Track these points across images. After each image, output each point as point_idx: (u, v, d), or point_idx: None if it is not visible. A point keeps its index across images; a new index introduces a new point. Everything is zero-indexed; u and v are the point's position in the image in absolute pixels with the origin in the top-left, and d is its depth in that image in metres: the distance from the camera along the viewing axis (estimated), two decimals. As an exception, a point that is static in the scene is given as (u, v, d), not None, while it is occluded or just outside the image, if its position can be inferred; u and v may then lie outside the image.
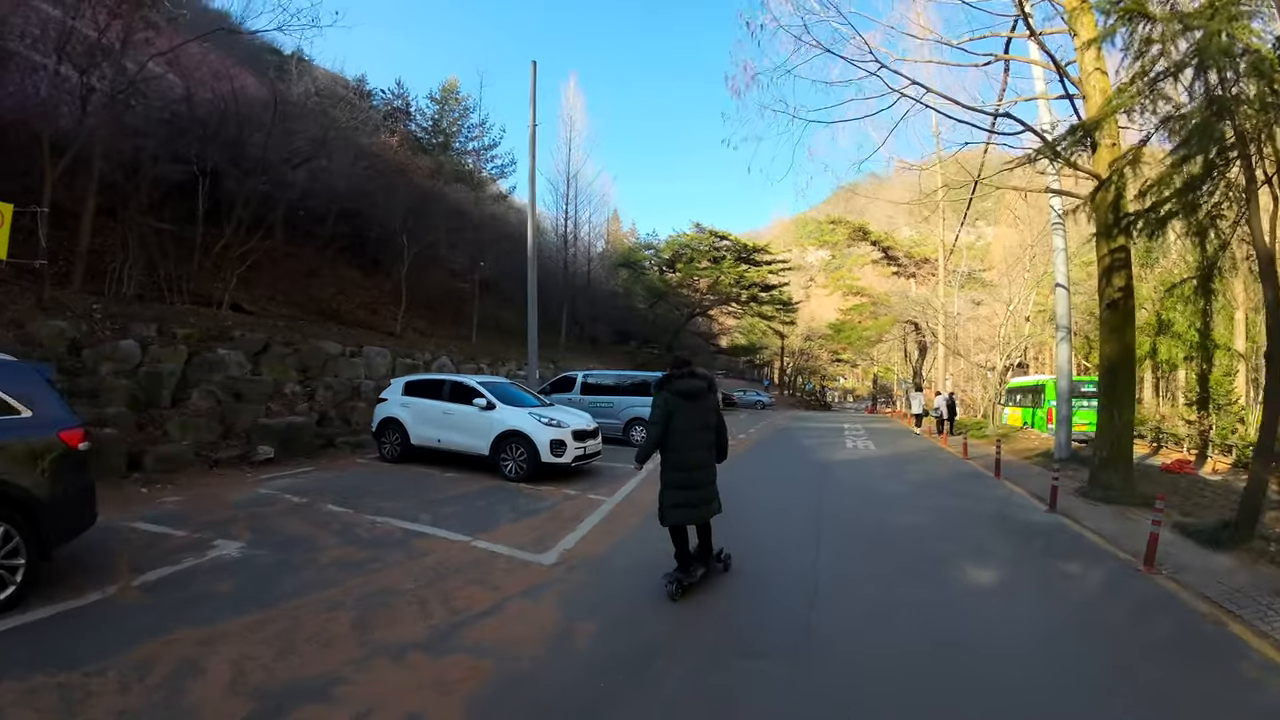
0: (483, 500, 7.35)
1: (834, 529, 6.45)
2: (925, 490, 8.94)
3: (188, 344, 10.84)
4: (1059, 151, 8.23)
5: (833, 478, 9.78)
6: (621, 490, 8.14)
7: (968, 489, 9.15)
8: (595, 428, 9.31)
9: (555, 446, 8.39)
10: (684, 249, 37.53)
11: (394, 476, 8.65)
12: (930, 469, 11.25)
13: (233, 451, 9.43)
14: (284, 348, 12.42)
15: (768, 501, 7.73)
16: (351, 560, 4.81)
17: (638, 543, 5.76)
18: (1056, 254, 12.78)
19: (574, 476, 8.93)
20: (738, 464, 10.83)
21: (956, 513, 7.51)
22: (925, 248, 31.47)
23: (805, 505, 7.50)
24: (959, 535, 6.39)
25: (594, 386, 13.78)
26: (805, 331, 53.85)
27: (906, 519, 7.05)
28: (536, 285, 17.26)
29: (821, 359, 63.15)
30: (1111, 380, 8.61)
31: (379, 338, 16.42)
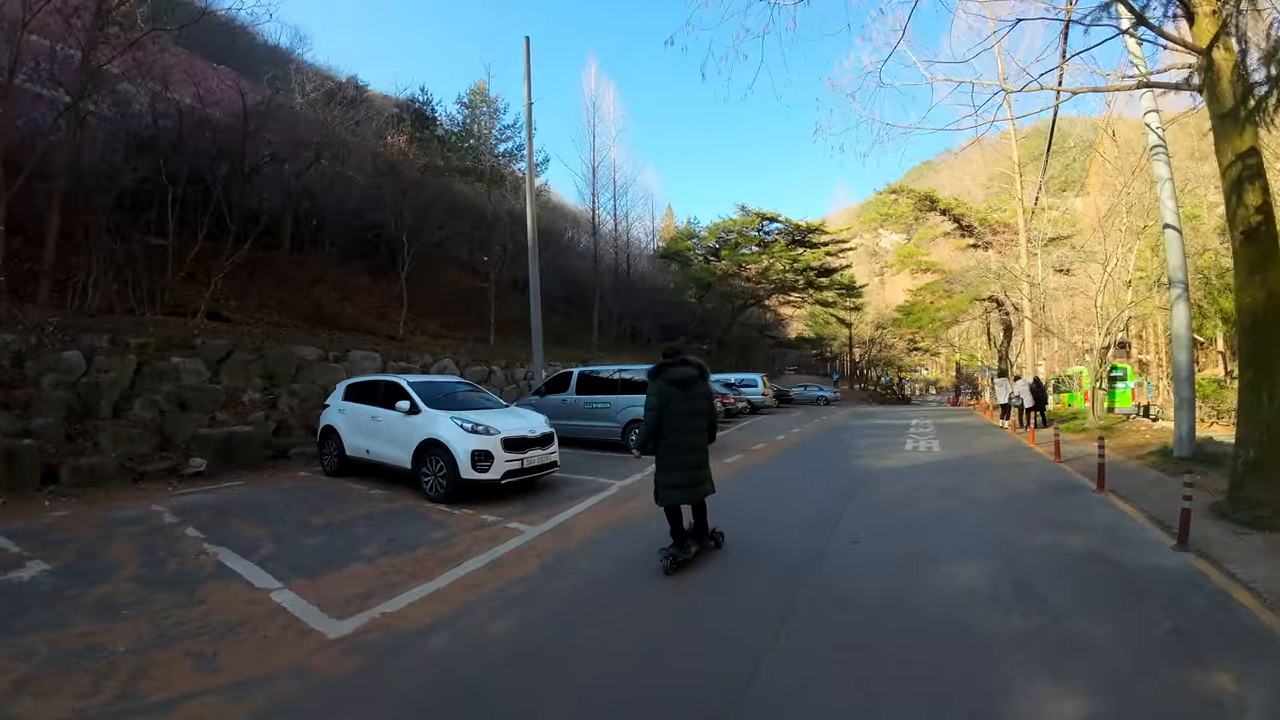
0: (367, 527, 5.82)
1: (823, 599, 3.98)
2: (994, 514, 6.30)
3: (141, 353, 10.34)
4: (1145, 19, 5.68)
5: (867, 495, 7.23)
6: (560, 515, 6.28)
7: (1057, 510, 6.47)
8: (545, 434, 7.47)
9: (478, 459, 6.69)
10: (728, 234, 34.95)
11: (311, 493, 7.49)
12: (1007, 479, 8.44)
13: (163, 464, 8.74)
14: (249, 354, 11.56)
15: (748, 537, 5.45)
16: (115, 599, 4.08)
17: (502, 604, 3.95)
18: (1161, 187, 9.67)
19: (517, 495, 7.16)
20: (753, 473, 8.78)
21: (1035, 556, 4.85)
22: (1003, 213, 27.37)
23: (799, 547, 5.14)
24: (1034, 603, 3.83)
25: (590, 384, 11.93)
26: (876, 319, 49.78)
27: (951, 574, 4.38)
28: (539, 277, 16.13)
29: (897, 349, 58.34)
30: (1257, 344, 5.76)
31: (376, 342, 15.48)
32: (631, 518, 6.23)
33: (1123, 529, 5.69)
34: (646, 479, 8.24)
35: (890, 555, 4.84)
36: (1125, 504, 6.66)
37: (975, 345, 52.35)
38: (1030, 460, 10.37)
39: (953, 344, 53.56)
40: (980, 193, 29.76)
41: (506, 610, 3.84)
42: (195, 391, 10.41)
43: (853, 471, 8.79)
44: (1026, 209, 20.32)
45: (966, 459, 10.41)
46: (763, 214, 34.39)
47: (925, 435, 14.26)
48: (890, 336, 53.41)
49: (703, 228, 36.58)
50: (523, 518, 6.17)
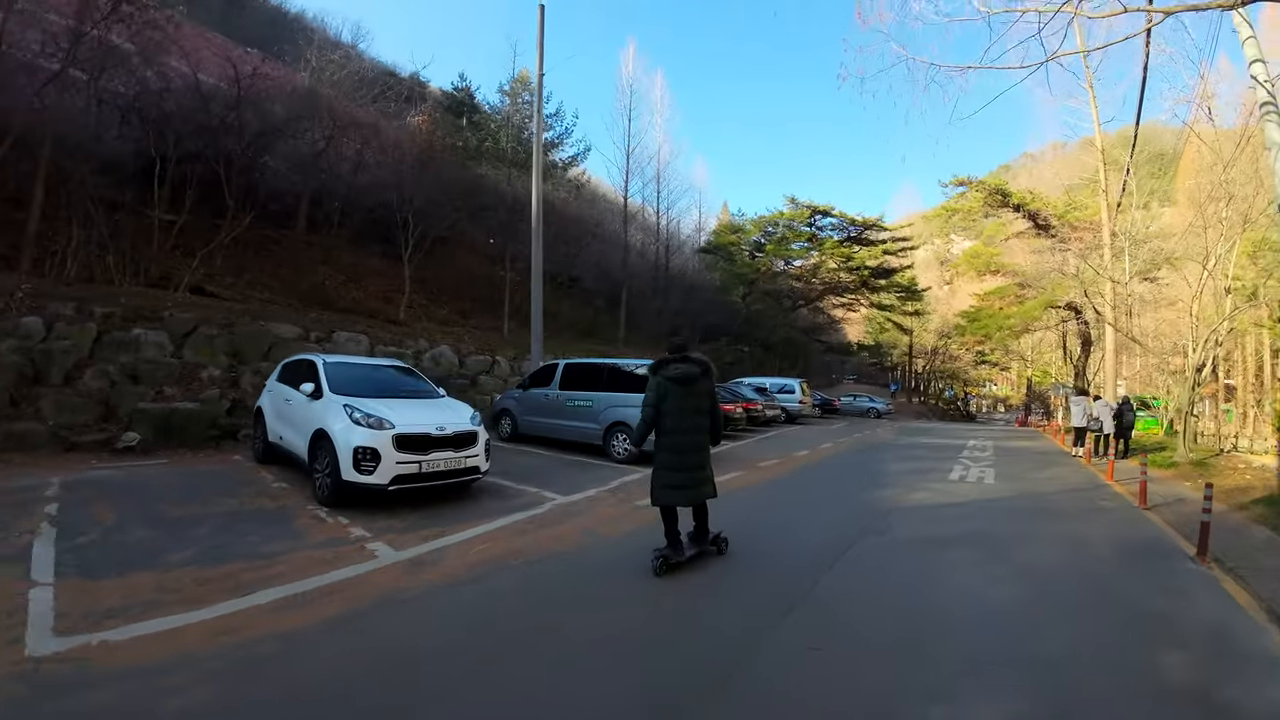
0: (216, 527, 4.95)
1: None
2: (1048, 599, 4.18)
3: (105, 323, 10.04)
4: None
5: (870, 551, 5.14)
6: (447, 539, 4.89)
7: (1141, 593, 4.47)
8: (462, 433, 6.07)
9: (361, 458, 5.40)
10: (774, 228, 32.65)
11: (217, 480, 6.75)
12: (1075, 532, 6.32)
13: (100, 435, 8.38)
14: (217, 330, 10.91)
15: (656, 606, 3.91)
16: None
17: (221, 667, 2.67)
18: (1274, 155, 7.17)
19: (422, 504, 5.83)
20: (737, 499, 6.98)
21: (1107, 693, 2.93)
22: (1085, 211, 24.08)
23: (719, 646, 3.25)
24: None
25: (576, 378, 10.50)
26: (940, 328, 46.06)
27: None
28: (542, 263, 14.98)
29: (963, 360, 54.01)
30: None
31: (370, 325, 14.69)
32: (542, 549, 4.78)
33: (1238, 631, 3.77)
34: (600, 496, 6.84)
35: (860, 688, 2.85)
36: (1235, 584, 4.67)
37: (1049, 360, 47.57)
38: (1107, 504, 8.14)
39: (1024, 357, 48.94)
40: (1059, 198, 26.42)
41: (209, 680, 2.58)
42: (149, 364, 9.86)
43: (867, 508, 6.90)
44: (1111, 201, 17.34)
45: (1025, 497, 8.26)
46: (814, 207, 31.85)
47: (979, 461, 12.00)
48: (955, 346, 49.36)
49: (747, 220, 34.26)
50: (397, 537, 4.84)
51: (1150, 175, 24.65)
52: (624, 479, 7.83)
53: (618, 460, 9.18)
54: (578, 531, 5.28)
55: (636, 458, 9.13)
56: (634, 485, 7.43)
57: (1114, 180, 17.88)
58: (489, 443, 6.52)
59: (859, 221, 32.13)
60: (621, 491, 7.12)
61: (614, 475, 8.07)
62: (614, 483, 7.54)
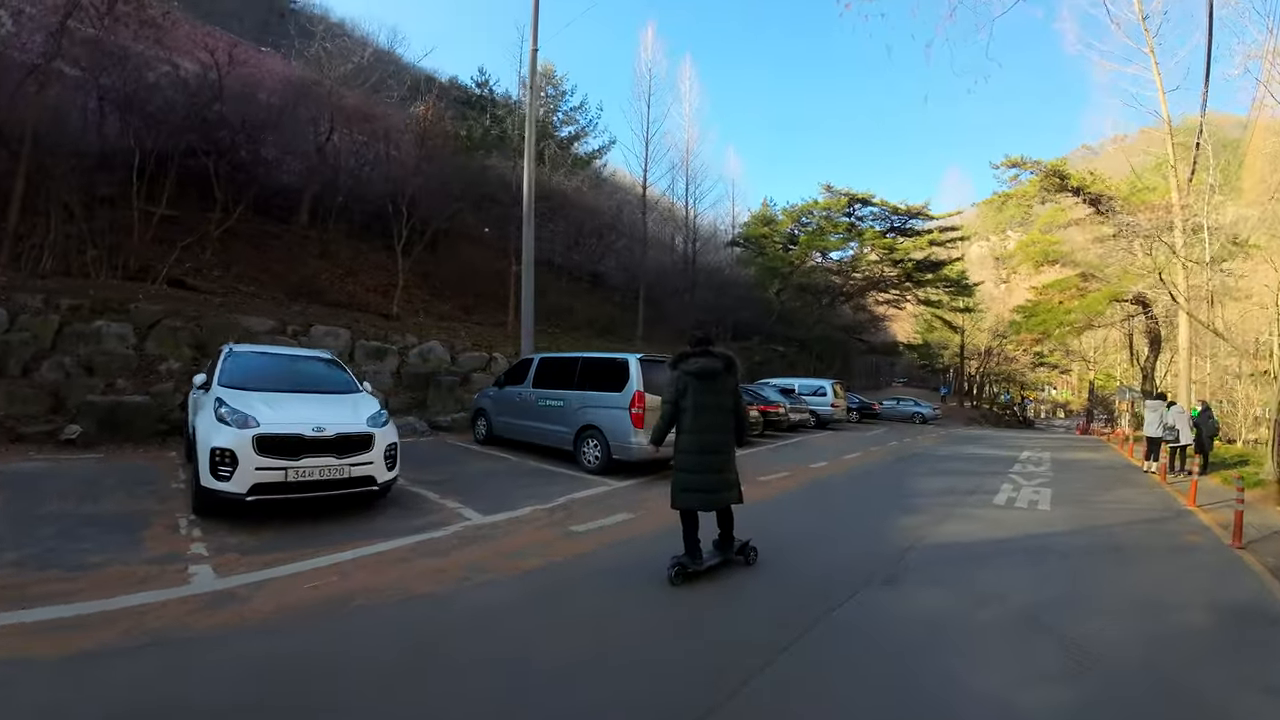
0: (33, 535, 4.24)
1: None
2: (1114, 708, 2.79)
3: (71, 315, 9.72)
4: None
5: (865, 611, 3.82)
6: (295, 566, 3.84)
7: (1244, 695, 3.04)
8: (352, 436, 5.05)
9: (219, 461, 4.46)
10: (809, 218, 30.70)
11: (124, 477, 6.28)
12: (1152, 585, 4.77)
13: (46, 427, 8.02)
14: (183, 322, 10.41)
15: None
16: None
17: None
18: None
19: (301, 517, 4.83)
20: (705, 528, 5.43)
21: None
22: (1152, 193, 21.38)
23: None
24: None
25: (550, 374, 9.38)
26: (995, 326, 42.92)
27: None
28: (533, 251, 13.99)
29: (1019, 362, 50.34)
30: None
31: (356, 318, 14.08)
32: (397, 590, 3.70)
33: None
34: (531, 517, 5.62)
35: None
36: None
37: (1114, 362, 43.53)
38: (1192, 540, 6.45)
39: (1086, 358, 45.10)
40: (1123, 180, 23.65)
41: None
42: (105, 356, 9.40)
43: (878, 545, 5.44)
44: (1180, 178, 14.98)
45: (1087, 532, 6.58)
46: (852, 195, 29.69)
47: (1033, 478, 10.23)
48: (1011, 347, 45.93)
49: (779, 210, 32.35)
50: (237, 559, 4.00)
51: (1215, 168, 21.73)
52: (575, 495, 6.70)
53: (588, 470, 8.05)
54: (463, 566, 4.16)
55: (609, 468, 8.03)
56: (583, 504, 6.29)
57: (1183, 162, 15.57)
58: (394, 448, 5.45)
59: (902, 210, 29.81)
60: (561, 512, 5.94)
61: (569, 490, 6.94)
62: (559, 500, 6.38)
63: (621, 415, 7.88)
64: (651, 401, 7.80)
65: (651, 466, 8.22)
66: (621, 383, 8.03)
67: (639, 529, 5.47)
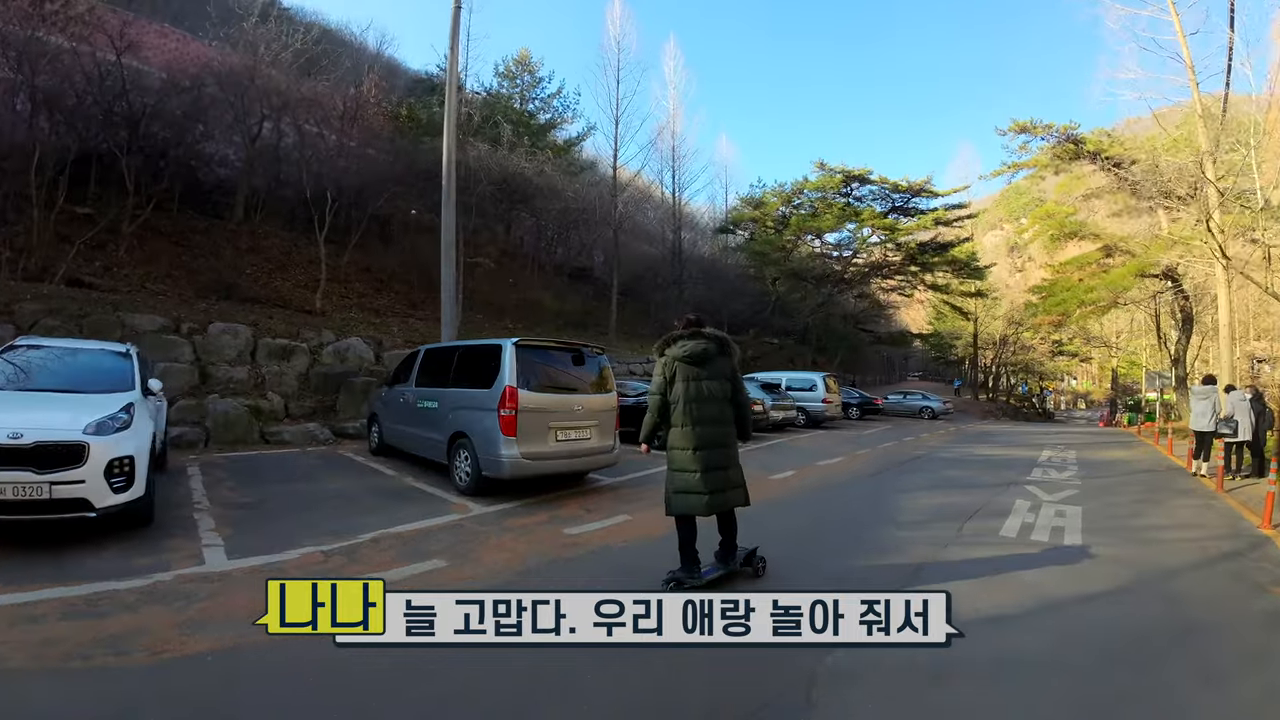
0: None
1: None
2: None
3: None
4: None
5: None
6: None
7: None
8: (47, 445, 3.90)
9: None
10: (799, 198, 28.39)
11: None
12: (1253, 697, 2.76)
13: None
14: (62, 321, 9.53)
15: None
16: None
17: None
18: None
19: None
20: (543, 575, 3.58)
21: None
22: (1178, 153, 18.89)
23: None
24: None
25: (432, 370, 7.45)
26: (1009, 314, 40.35)
27: None
28: (455, 231, 12.21)
29: (1038, 351, 47.63)
30: None
31: (280, 314, 12.57)
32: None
33: None
34: (303, 561, 3.99)
35: None
36: None
37: (1139, 347, 40.63)
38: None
39: (1109, 344, 42.27)
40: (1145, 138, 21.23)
41: None
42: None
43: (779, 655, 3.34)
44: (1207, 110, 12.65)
45: (1138, 590, 4.32)
46: (848, 172, 27.27)
47: (1057, 490, 8.04)
48: (1028, 334, 43.24)
49: (767, 192, 29.96)
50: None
51: (1232, 149, 19.35)
52: (397, 528, 4.90)
53: (459, 489, 6.26)
54: (98, 638, 2.77)
55: (481, 487, 6.05)
56: (391, 544, 4.47)
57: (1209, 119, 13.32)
58: (128, 464, 4.16)
59: (903, 187, 27.31)
60: (344, 556, 4.09)
61: (410, 518, 5.16)
62: (366, 535, 4.64)
63: (490, 419, 5.93)
64: (532, 401, 5.89)
65: (533, 487, 6.40)
66: (492, 377, 6.06)
67: (446, 580, 3.81)
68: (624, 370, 20.03)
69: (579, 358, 7.18)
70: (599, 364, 7.39)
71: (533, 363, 6.32)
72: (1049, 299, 22.44)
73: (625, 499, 6.61)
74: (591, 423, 6.88)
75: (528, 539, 4.89)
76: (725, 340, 3.70)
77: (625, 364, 20.53)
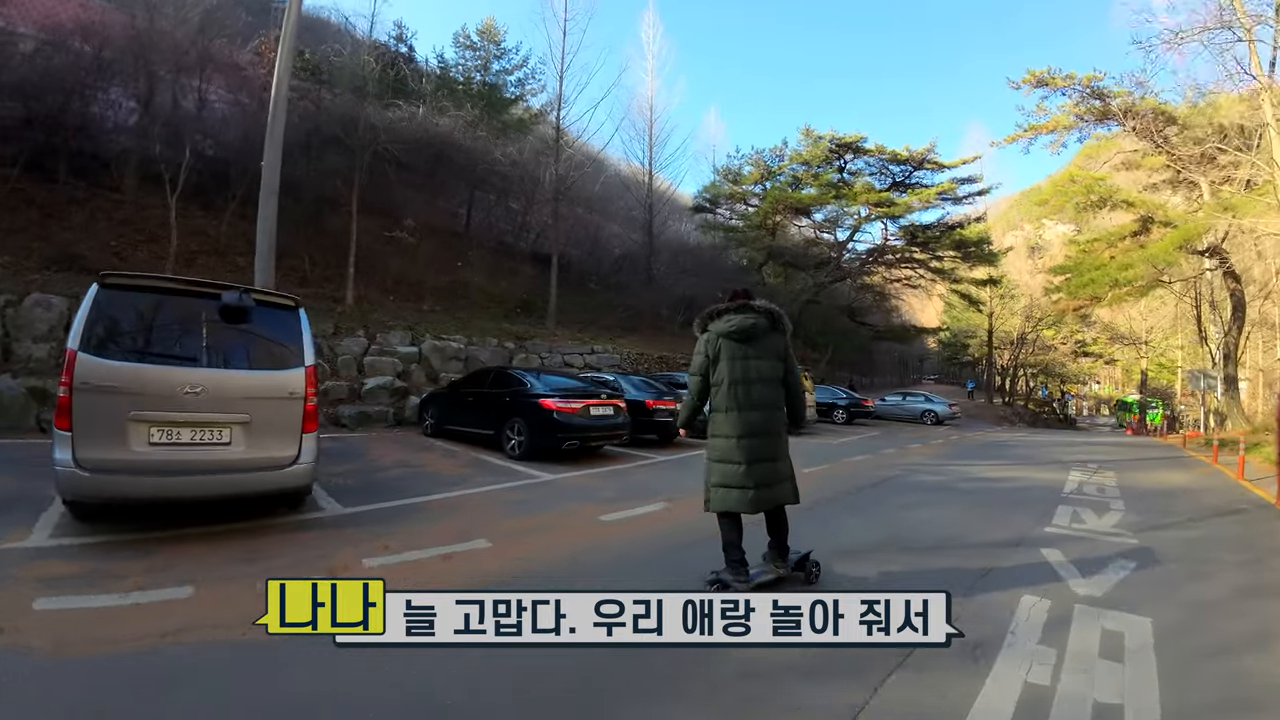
0: None
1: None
2: None
3: None
4: None
5: None
6: None
7: None
8: None
9: None
10: (781, 168, 24.79)
11: None
12: None
13: None
14: None
15: None
16: None
17: None
18: None
19: None
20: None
21: None
22: (1219, 112, 15.45)
23: None
24: None
25: None
26: (1028, 309, 36.64)
27: None
28: (278, 173, 9.73)
29: (1060, 351, 43.71)
30: None
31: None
32: None
33: None
34: None
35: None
36: None
37: (1171, 345, 36.40)
38: None
39: (1138, 342, 38.17)
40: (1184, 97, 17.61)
41: None
42: None
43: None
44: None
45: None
46: (839, 140, 23.54)
47: (1097, 564, 4.53)
48: (1049, 333, 39.29)
49: (744, 161, 26.28)
50: None
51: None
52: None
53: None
54: None
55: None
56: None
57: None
58: None
59: (903, 157, 23.57)
60: None
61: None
62: None
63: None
64: (107, 375, 3.07)
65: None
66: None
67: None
68: (558, 361, 16.90)
69: (237, 310, 4.07)
70: (282, 322, 4.37)
71: (130, 312, 4.10)
72: (1074, 280, 18.65)
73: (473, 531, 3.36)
74: (233, 418, 3.83)
75: None
76: (778, 314, 3.36)
77: (561, 354, 17.39)
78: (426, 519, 4.97)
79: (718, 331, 3.23)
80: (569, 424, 8.18)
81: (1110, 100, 18.03)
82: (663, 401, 10.39)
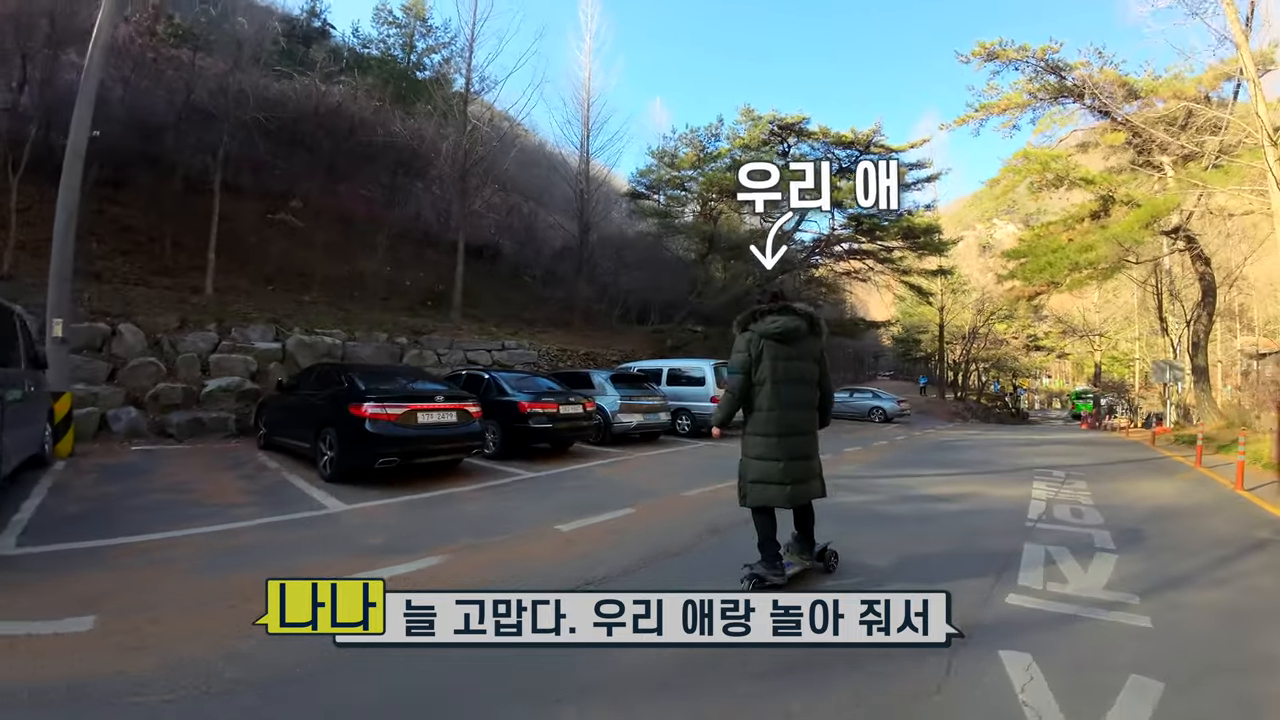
0: None
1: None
2: None
3: None
4: None
5: None
6: None
7: None
8: None
9: None
10: (716, 148, 23.14)
11: None
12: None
13: None
14: None
15: None
16: None
17: None
18: None
19: None
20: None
21: None
22: (1184, 83, 14.59)
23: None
24: None
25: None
26: (980, 303, 36.13)
27: None
28: (83, 154, 7.82)
29: (1011, 345, 43.55)
30: None
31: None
32: None
33: None
34: None
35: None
36: None
37: (1124, 338, 36.39)
38: None
39: (1092, 334, 38.11)
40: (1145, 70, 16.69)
41: None
42: None
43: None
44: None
45: None
46: (781, 122, 21.95)
47: (1102, 663, 2.77)
48: (1000, 326, 38.95)
49: (678, 141, 24.50)
50: None
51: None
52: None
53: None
54: None
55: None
56: None
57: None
58: None
59: (848, 139, 22.13)
60: None
61: None
62: None
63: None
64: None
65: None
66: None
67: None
68: (459, 358, 14.73)
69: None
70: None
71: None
72: (1030, 264, 17.38)
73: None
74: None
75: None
76: (816, 318, 3.43)
77: (465, 350, 15.24)
78: (99, 568, 3.61)
79: (760, 332, 3.30)
80: (385, 435, 6.11)
81: (1066, 75, 16.84)
82: (542, 404, 8.33)
